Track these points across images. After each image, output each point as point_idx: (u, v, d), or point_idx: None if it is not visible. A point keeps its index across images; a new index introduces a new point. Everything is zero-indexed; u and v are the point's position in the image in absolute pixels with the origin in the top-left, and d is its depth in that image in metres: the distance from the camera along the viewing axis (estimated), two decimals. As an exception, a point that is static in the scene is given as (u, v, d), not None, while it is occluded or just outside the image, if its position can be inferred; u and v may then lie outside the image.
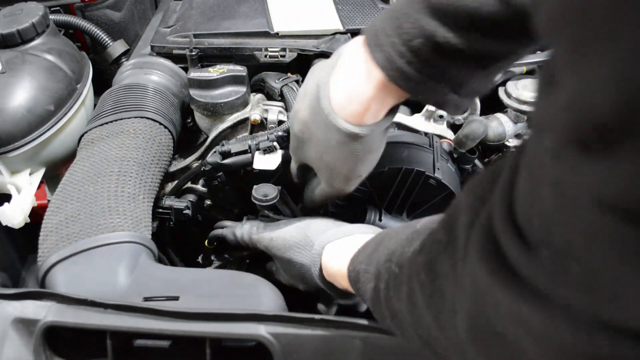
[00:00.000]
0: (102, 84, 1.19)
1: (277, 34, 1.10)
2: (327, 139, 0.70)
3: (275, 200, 0.89)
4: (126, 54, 1.34)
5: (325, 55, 1.07)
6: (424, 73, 0.61)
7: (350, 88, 0.66)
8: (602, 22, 0.25)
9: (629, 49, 0.24)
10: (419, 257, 0.49)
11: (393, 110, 0.70)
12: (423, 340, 0.51)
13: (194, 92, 1.01)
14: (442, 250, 0.45)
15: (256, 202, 0.89)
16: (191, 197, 1.02)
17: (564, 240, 0.30)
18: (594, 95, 0.26)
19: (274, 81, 1.05)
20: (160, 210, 0.97)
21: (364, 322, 0.63)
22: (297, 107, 0.76)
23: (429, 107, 1.01)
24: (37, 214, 0.97)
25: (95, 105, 1.11)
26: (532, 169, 0.33)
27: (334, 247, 0.74)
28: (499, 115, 1.03)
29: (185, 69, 1.10)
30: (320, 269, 0.75)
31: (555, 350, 0.33)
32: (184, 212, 0.97)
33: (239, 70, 1.02)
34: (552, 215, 0.31)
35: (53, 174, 1.09)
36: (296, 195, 1.08)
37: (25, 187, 1.01)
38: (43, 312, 0.67)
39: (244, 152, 0.94)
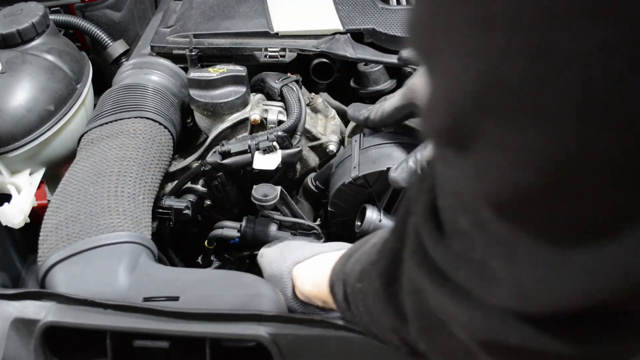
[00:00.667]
0: (102, 84, 1.19)
1: (277, 34, 1.10)
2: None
3: (275, 200, 0.89)
4: (126, 54, 1.34)
5: (325, 55, 1.07)
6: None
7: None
8: (428, 43, 0.29)
9: (444, 70, 0.28)
10: (374, 268, 0.50)
11: None
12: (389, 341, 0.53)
13: (194, 92, 1.01)
14: (394, 255, 0.46)
15: (256, 202, 0.89)
16: (191, 197, 1.02)
17: (464, 232, 0.33)
18: (439, 106, 0.29)
19: (274, 81, 1.05)
20: (160, 210, 0.97)
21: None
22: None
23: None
24: (37, 214, 0.97)
25: (95, 105, 1.11)
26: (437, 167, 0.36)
27: (302, 270, 0.76)
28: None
29: (185, 69, 1.10)
30: (292, 288, 0.76)
31: (474, 335, 0.36)
32: (184, 212, 0.97)
33: (239, 70, 1.02)
34: (453, 208, 0.34)
35: (53, 174, 1.09)
36: (296, 195, 1.08)
37: (25, 187, 1.01)
38: (43, 312, 0.67)
39: (244, 152, 0.94)
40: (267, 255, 0.84)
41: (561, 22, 0.23)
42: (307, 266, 0.76)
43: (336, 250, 0.73)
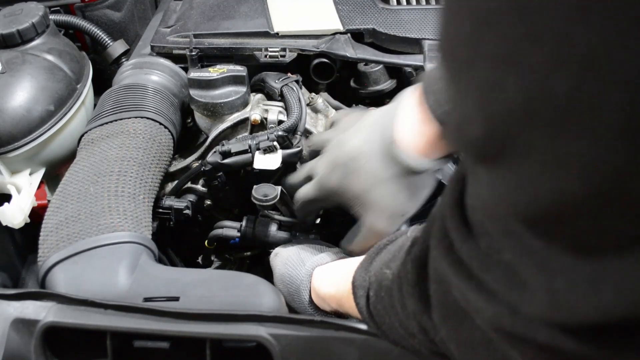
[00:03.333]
0: (102, 84, 1.19)
1: (277, 34, 1.10)
2: (381, 172, 0.70)
3: (275, 200, 0.89)
4: (126, 54, 1.34)
5: (326, 55, 1.07)
6: None
7: (413, 126, 0.69)
8: (464, 57, 0.29)
9: (482, 83, 0.28)
10: (408, 256, 0.50)
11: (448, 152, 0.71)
12: (409, 341, 0.52)
13: (194, 92, 1.01)
14: (425, 246, 0.46)
15: (256, 202, 0.89)
16: (191, 197, 1.02)
17: (493, 235, 0.34)
18: (473, 119, 0.29)
19: (274, 81, 1.05)
20: (160, 210, 0.97)
21: (363, 324, 0.63)
22: (345, 139, 0.75)
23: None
24: (37, 214, 0.97)
25: (95, 105, 1.11)
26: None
27: (322, 271, 0.75)
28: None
29: (185, 69, 1.10)
30: (310, 291, 0.76)
31: (499, 328, 0.36)
32: (184, 212, 0.97)
33: (239, 70, 1.02)
34: (481, 213, 0.35)
35: (53, 174, 1.09)
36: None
37: (25, 187, 1.01)
38: (43, 312, 0.67)
39: (244, 152, 0.94)
40: (282, 256, 0.82)
41: (612, 37, 0.23)
42: (328, 268, 0.75)
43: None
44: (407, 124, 0.70)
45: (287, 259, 0.80)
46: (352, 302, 0.63)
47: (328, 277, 0.73)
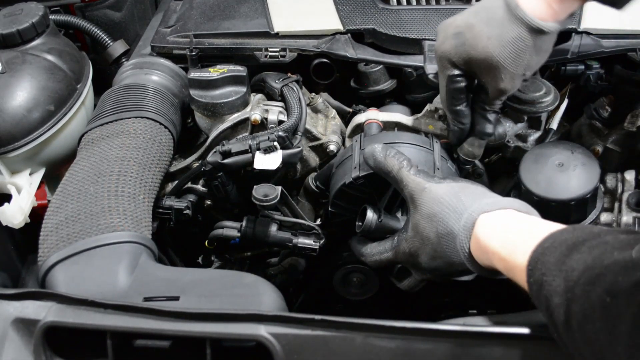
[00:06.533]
0: (102, 84, 1.19)
1: (277, 34, 1.10)
2: (502, 35, 0.77)
3: (276, 201, 0.89)
4: (126, 54, 1.34)
5: (326, 55, 1.07)
6: None
7: None
8: None
9: None
10: None
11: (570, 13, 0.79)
12: None
13: (194, 93, 1.01)
14: None
15: (256, 202, 0.89)
16: (191, 197, 1.02)
17: None
18: None
19: (274, 81, 1.05)
20: (161, 210, 0.97)
21: (364, 322, 0.63)
22: (457, 17, 0.84)
23: (429, 108, 1.01)
24: (37, 214, 0.97)
25: (95, 105, 1.11)
26: None
27: (491, 221, 0.67)
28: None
29: (186, 69, 1.10)
30: (468, 240, 0.68)
31: None
32: (184, 212, 0.97)
33: (239, 70, 1.02)
34: None
35: (53, 174, 1.09)
36: (296, 195, 1.08)
37: (25, 187, 1.01)
38: (43, 312, 0.67)
39: (245, 152, 0.94)
40: (435, 192, 0.73)
41: None
42: (500, 218, 0.67)
43: (524, 212, 0.68)
44: None
45: (442, 198, 0.72)
46: (524, 281, 0.58)
47: (499, 231, 0.65)
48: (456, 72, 0.84)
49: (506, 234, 0.64)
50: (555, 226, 0.61)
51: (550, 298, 0.54)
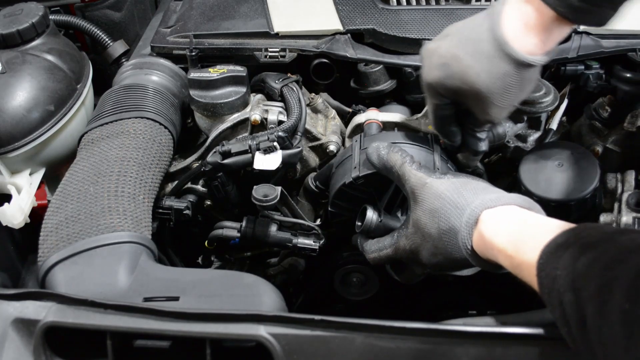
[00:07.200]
0: (102, 84, 1.20)
1: (277, 34, 1.10)
2: (490, 70, 0.76)
3: (275, 201, 0.89)
4: (126, 54, 1.34)
5: (326, 55, 1.07)
6: (589, 2, 0.72)
7: (524, 22, 0.75)
8: None
9: None
10: None
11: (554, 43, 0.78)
12: None
13: (194, 93, 1.01)
14: None
15: (256, 202, 0.89)
16: (191, 198, 1.02)
17: None
18: None
19: (274, 81, 1.05)
20: (161, 210, 0.97)
21: (364, 322, 0.63)
22: (434, 44, 0.82)
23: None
24: (37, 214, 0.97)
25: (95, 105, 1.11)
26: None
27: (494, 216, 0.67)
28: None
29: (186, 69, 1.10)
30: (471, 236, 0.68)
31: None
32: (184, 212, 0.97)
33: (239, 70, 1.02)
34: None
35: (53, 174, 1.09)
36: (296, 195, 1.08)
37: (25, 187, 1.01)
38: (43, 312, 0.67)
39: (245, 152, 0.94)
40: (436, 188, 0.73)
41: None
42: (503, 214, 0.67)
43: (527, 207, 0.68)
44: (517, 22, 0.76)
45: (443, 193, 0.72)
46: (532, 277, 0.58)
47: (504, 227, 0.65)
48: (444, 101, 0.83)
49: (512, 230, 0.64)
50: (562, 223, 0.61)
51: (563, 293, 0.54)
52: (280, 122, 1.00)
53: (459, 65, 0.78)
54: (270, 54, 1.08)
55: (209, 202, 1.05)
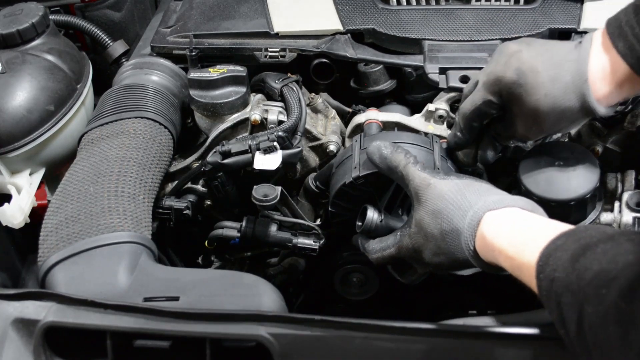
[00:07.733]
0: (102, 84, 1.19)
1: (277, 34, 1.10)
2: (559, 98, 0.77)
3: (275, 201, 0.89)
4: (126, 54, 1.34)
5: (326, 55, 1.07)
6: None
7: (603, 67, 0.75)
8: None
9: None
10: None
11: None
12: None
13: (194, 93, 1.01)
14: None
15: (256, 202, 0.89)
16: (191, 198, 1.02)
17: None
18: None
19: (274, 81, 1.05)
20: (161, 210, 0.97)
21: (364, 322, 0.63)
22: (524, 50, 0.80)
23: (429, 108, 1.01)
24: (37, 214, 0.97)
25: (95, 105, 1.11)
26: None
27: (495, 218, 0.67)
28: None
29: (186, 69, 1.10)
30: (473, 238, 0.68)
31: None
32: (184, 212, 0.97)
33: (239, 70, 1.02)
34: None
35: (53, 174, 1.09)
36: (296, 195, 1.08)
37: (25, 187, 1.01)
38: (43, 312, 0.67)
39: (245, 152, 0.94)
40: (439, 189, 0.73)
41: None
42: (505, 216, 0.67)
43: (529, 210, 0.68)
44: (598, 66, 0.75)
45: (447, 194, 0.72)
46: (531, 279, 0.59)
47: (506, 229, 0.65)
48: (496, 100, 0.82)
49: (513, 232, 0.64)
50: (563, 225, 0.61)
51: (561, 294, 0.54)
52: (280, 122, 1.00)
53: (535, 78, 0.77)
54: (270, 54, 1.08)
55: (209, 202, 1.05)
